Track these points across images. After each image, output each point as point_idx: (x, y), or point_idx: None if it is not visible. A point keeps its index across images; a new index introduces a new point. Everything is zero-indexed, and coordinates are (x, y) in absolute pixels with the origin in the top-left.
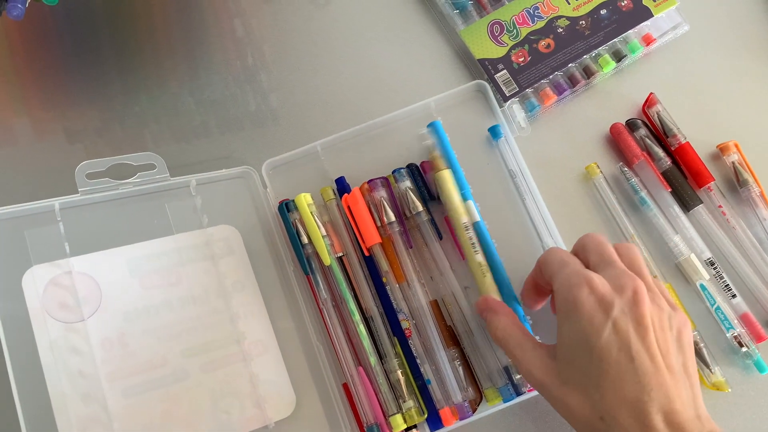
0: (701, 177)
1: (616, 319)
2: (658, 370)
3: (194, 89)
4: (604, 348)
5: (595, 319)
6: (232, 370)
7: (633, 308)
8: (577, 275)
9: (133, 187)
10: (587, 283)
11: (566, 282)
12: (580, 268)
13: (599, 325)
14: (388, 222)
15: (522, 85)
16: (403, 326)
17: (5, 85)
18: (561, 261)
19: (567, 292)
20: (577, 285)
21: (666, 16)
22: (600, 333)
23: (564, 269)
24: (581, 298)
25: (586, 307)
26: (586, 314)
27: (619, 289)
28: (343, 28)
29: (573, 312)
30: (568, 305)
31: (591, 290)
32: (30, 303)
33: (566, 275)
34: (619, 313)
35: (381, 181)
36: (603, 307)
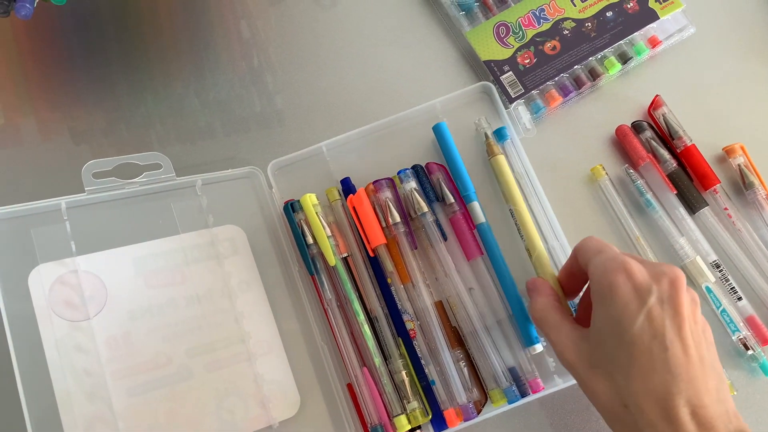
0: (707, 179)
1: (651, 308)
2: (690, 362)
3: (200, 90)
4: (637, 335)
5: (630, 306)
6: (236, 370)
7: (671, 297)
8: (615, 260)
9: (139, 187)
10: (625, 268)
11: (603, 266)
12: (618, 254)
13: (633, 312)
14: (393, 222)
15: (528, 87)
16: (407, 327)
17: (12, 85)
18: (597, 247)
19: (603, 276)
20: (614, 270)
21: (672, 19)
22: (634, 320)
23: (601, 254)
24: (618, 283)
25: (622, 292)
26: (621, 300)
27: (658, 276)
28: (348, 29)
29: (608, 296)
30: (603, 289)
31: (628, 276)
32: (36, 301)
33: (603, 260)
34: (655, 302)
35: (386, 182)
36: (639, 294)
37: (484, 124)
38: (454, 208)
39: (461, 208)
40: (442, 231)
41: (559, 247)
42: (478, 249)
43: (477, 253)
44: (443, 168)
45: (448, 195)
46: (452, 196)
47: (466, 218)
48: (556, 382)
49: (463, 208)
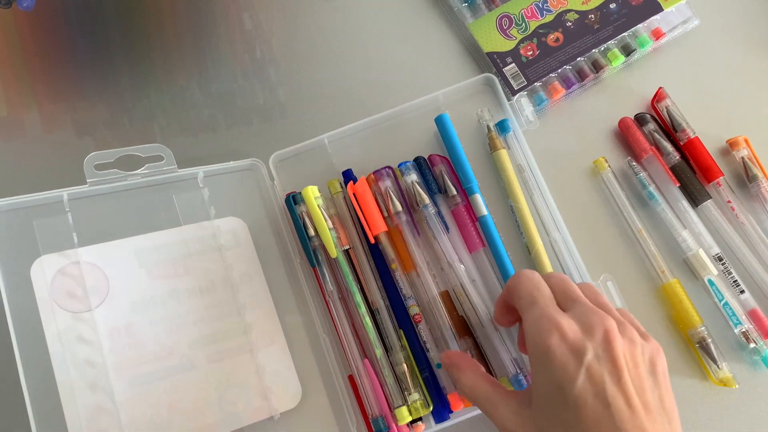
0: (710, 172)
1: (589, 365)
2: (634, 413)
3: (202, 82)
4: (579, 396)
5: (568, 368)
6: (238, 362)
7: (606, 350)
8: (547, 320)
9: (141, 179)
10: (557, 329)
11: (535, 327)
12: (549, 310)
13: (573, 373)
14: (395, 211)
15: (530, 79)
16: (412, 312)
17: (15, 77)
18: (530, 297)
19: (537, 339)
20: (547, 331)
21: (676, 10)
22: (574, 381)
23: (533, 309)
24: (552, 346)
25: (558, 355)
26: (559, 363)
27: (589, 329)
28: (351, 21)
29: (545, 360)
30: (539, 352)
31: (561, 337)
32: (38, 292)
33: (535, 319)
34: (592, 358)
35: (386, 171)
36: (575, 354)
37: (487, 116)
38: (456, 200)
39: (463, 200)
40: (445, 223)
41: (561, 239)
42: (479, 241)
43: (479, 246)
44: (446, 160)
45: (450, 187)
46: (454, 188)
47: (468, 210)
48: None
49: (465, 200)
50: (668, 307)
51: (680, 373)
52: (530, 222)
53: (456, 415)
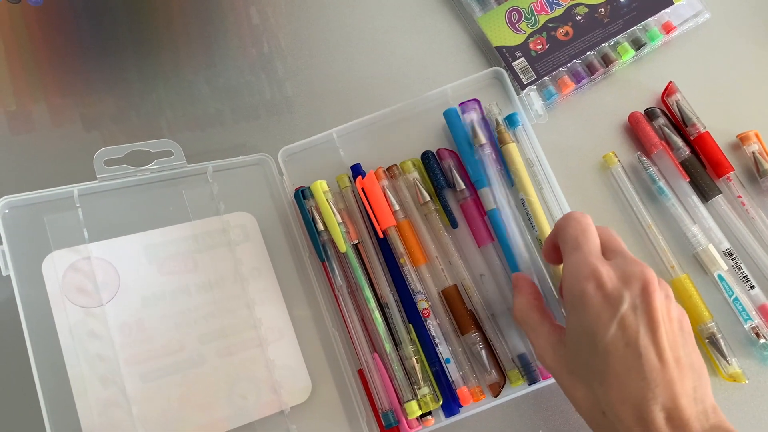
0: (720, 167)
1: (624, 315)
2: (665, 366)
3: (210, 77)
4: (610, 344)
5: (602, 315)
6: (248, 356)
7: (644, 302)
8: (586, 266)
9: (150, 174)
10: (595, 276)
11: (574, 272)
12: (589, 257)
13: (606, 322)
14: (424, 201)
15: (540, 73)
16: (421, 306)
17: (24, 72)
18: (574, 242)
19: (574, 284)
20: (585, 278)
21: (687, 4)
22: (606, 329)
23: (574, 254)
24: (588, 293)
25: (593, 302)
26: (593, 310)
27: (628, 279)
28: (359, 15)
29: (580, 305)
30: (574, 298)
31: (598, 285)
32: (50, 288)
33: (575, 264)
34: (627, 309)
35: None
36: (610, 303)
37: (495, 110)
38: (464, 195)
39: (472, 195)
40: (453, 217)
41: None
42: (488, 235)
43: (488, 240)
44: (454, 154)
45: (459, 181)
46: (463, 183)
47: (476, 204)
48: None
49: (474, 195)
50: (678, 302)
51: None
52: (542, 215)
53: (465, 409)
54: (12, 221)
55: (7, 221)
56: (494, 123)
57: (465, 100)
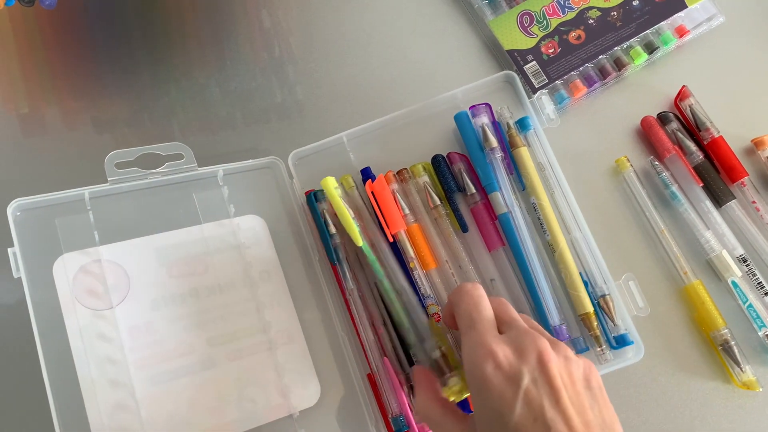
0: (734, 172)
1: (526, 390)
2: None
3: (221, 80)
4: (519, 423)
5: (505, 395)
6: (257, 359)
7: (542, 373)
8: (482, 347)
9: (161, 177)
10: (492, 357)
11: (472, 355)
12: (484, 336)
13: (510, 401)
14: (434, 205)
15: (551, 77)
16: (431, 311)
17: (37, 74)
18: (468, 319)
19: (474, 368)
20: (482, 360)
21: (700, 8)
22: (512, 409)
23: (469, 333)
24: (488, 375)
25: (495, 383)
26: (496, 391)
27: (523, 353)
28: (370, 19)
29: (483, 388)
30: (476, 381)
31: (497, 365)
32: (60, 290)
33: (471, 346)
34: (528, 383)
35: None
36: (511, 381)
37: (507, 114)
38: (475, 199)
39: (483, 199)
40: (464, 221)
41: (582, 238)
42: (499, 239)
43: (498, 244)
44: (465, 158)
45: (470, 185)
46: (473, 186)
47: (487, 208)
48: None
49: (485, 199)
50: (691, 308)
51: (702, 376)
52: (554, 220)
53: None
54: (23, 223)
55: (19, 223)
56: (505, 127)
57: (476, 103)
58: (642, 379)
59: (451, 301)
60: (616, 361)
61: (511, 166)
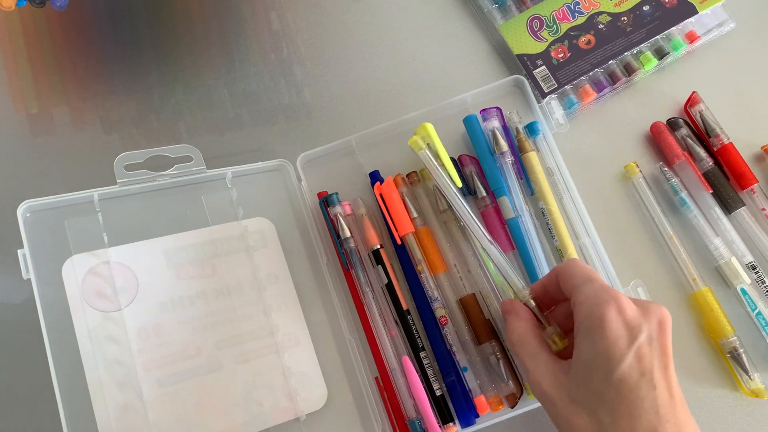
0: (744, 178)
1: (641, 345)
2: (674, 404)
3: (229, 82)
4: (626, 372)
5: (620, 342)
6: (265, 362)
7: (660, 336)
8: (607, 292)
9: (170, 179)
10: (617, 302)
11: (594, 296)
12: (608, 287)
13: (623, 348)
14: (443, 209)
15: (561, 82)
16: (438, 314)
17: (46, 75)
18: (587, 275)
19: (594, 308)
20: (605, 302)
21: (711, 13)
22: (623, 356)
23: (591, 283)
24: (609, 317)
25: (613, 327)
26: (612, 334)
27: (646, 312)
28: (379, 21)
29: (597, 329)
30: (593, 321)
31: (619, 311)
32: (69, 291)
33: (594, 289)
34: (644, 340)
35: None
36: (629, 331)
37: (516, 119)
38: (486, 202)
39: (493, 202)
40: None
41: (590, 244)
42: (509, 244)
43: (508, 248)
44: (476, 161)
45: (480, 188)
46: (484, 190)
47: (497, 212)
48: None
49: (495, 202)
50: (699, 315)
51: (711, 383)
52: (562, 226)
53: (481, 420)
54: (33, 225)
55: (29, 225)
56: (514, 131)
57: (485, 107)
58: None
59: (559, 269)
60: None
61: (520, 170)
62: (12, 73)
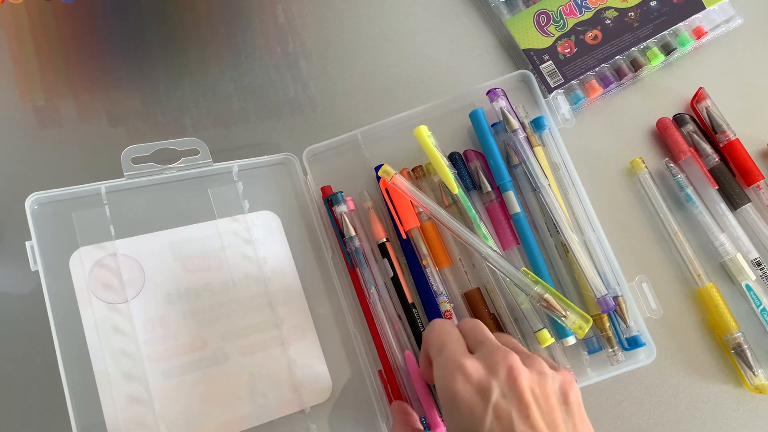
0: (750, 175)
1: (496, 404)
2: None
3: (235, 75)
4: None
5: (475, 410)
6: (269, 355)
7: (511, 386)
8: (452, 363)
9: (176, 172)
10: (461, 371)
11: (442, 372)
12: (455, 355)
13: (480, 414)
14: (448, 203)
15: (567, 77)
16: (444, 308)
17: (53, 67)
18: (440, 344)
19: (443, 384)
20: (452, 375)
21: (719, 9)
22: (483, 422)
23: (440, 356)
24: (458, 389)
25: (465, 397)
26: (466, 405)
27: (493, 368)
28: (386, 15)
29: (453, 404)
30: (447, 397)
31: (466, 379)
32: (77, 283)
33: (441, 364)
34: (498, 397)
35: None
36: (481, 395)
37: (522, 113)
38: (491, 197)
39: (498, 197)
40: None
41: (596, 239)
42: (513, 238)
43: (512, 243)
44: (481, 156)
45: (485, 183)
46: (489, 185)
47: (502, 207)
48: (589, 375)
49: (500, 197)
50: (703, 311)
51: (714, 379)
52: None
53: None
54: (41, 217)
55: (36, 217)
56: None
57: (490, 92)
58: (653, 380)
59: (423, 337)
60: (628, 363)
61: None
62: (19, 65)
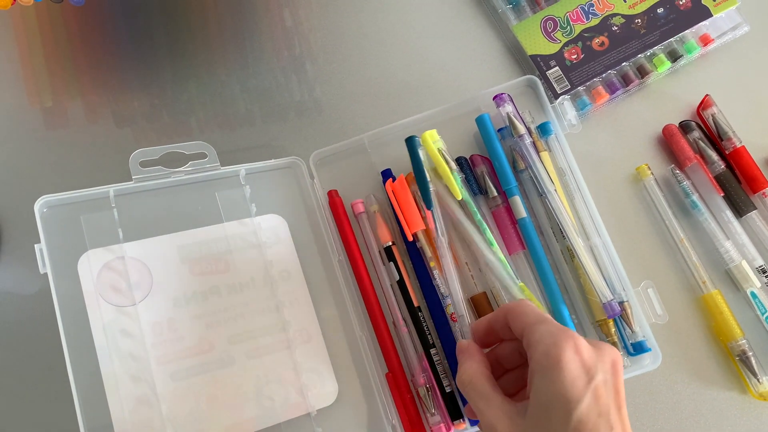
0: (756, 182)
1: (596, 388)
2: None
3: (242, 78)
4: (584, 413)
5: (577, 382)
6: (276, 358)
7: (613, 378)
8: (564, 332)
9: (184, 176)
10: (573, 341)
11: (550, 336)
12: (564, 327)
13: (581, 389)
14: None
15: (574, 83)
16: (450, 311)
17: (61, 69)
18: (539, 315)
19: (551, 347)
20: (563, 341)
21: (726, 16)
22: (581, 397)
23: (545, 323)
24: (566, 357)
25: (571, 367)
26: (570, 375)
27: (601, 354)
28: (393, 20)
29: (555, 370)
30: (549, 361)
31: (576, 351)
32: (85, 286)
33: (549, 329)
34: (600, 382)
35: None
36: (586, 372)
37: (528, 119)
38: (497, 202)
39: (504, 202)
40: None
41: (601, 244)
42: (519, 243)
43: (519, 248)
44: (487, 161)
45: (492, 188)
46: (495, 190)
47: (508, 212)
48: None
49: (507, 202)
50: (708, 318)
51: (719, 386)
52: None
53: None
54: (49, 220)
55: (45, 220)
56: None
57: (497, 99)
58: (658, 386)
59: (508, 307)
60: (633, 368)
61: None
62: (27, 67)
